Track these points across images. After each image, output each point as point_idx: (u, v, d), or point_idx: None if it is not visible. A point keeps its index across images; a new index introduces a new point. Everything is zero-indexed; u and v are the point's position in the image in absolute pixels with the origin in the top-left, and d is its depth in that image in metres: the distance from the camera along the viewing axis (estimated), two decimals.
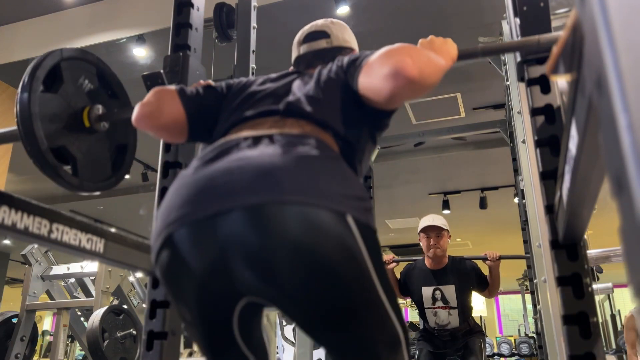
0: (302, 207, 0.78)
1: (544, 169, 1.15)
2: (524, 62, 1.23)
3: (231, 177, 0.81)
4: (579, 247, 1.06)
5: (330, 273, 0.79)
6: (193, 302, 0.86)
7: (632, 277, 0.32)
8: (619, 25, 0.33)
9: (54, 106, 1.29)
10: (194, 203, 0.82)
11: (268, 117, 1.00)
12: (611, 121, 0.33)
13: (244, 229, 0.77)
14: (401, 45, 0.96)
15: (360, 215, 0.84)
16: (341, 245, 0.79)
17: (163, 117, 1.08)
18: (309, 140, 0.90)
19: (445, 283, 2.94)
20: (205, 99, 1.13)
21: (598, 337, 1.00)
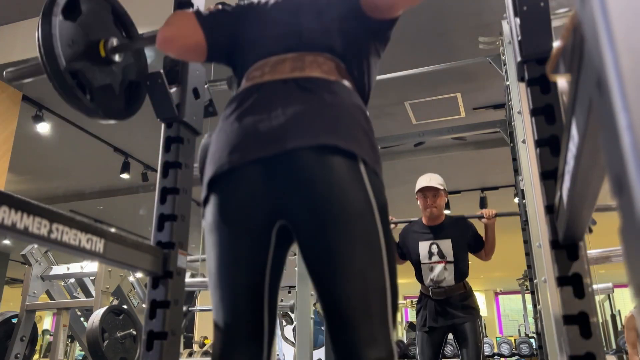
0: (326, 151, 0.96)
1: (544, 169, 1.15)
2: (524, 62, 1.23)
3: (267, 127, 0.99)
4: (579, 247, 1.06)
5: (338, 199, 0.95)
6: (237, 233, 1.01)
7: (632, 277, 0.32)
8: (619, 25, 0.33)
9: (72, 33, 1.35)
10: (243, 149, 1.00)
11: (286, 55, 1.10)
12: (611, 121, 0.33)
13: (282, 168, 0.97)
14: None
15: (371, 162, 1.00)
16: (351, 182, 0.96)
17: (184, 40, 1.19)
18: (330, 85, 1.05)
19: (442, 237, 3.01)
20: (220, 21, 1.21)
21: (598, 337, 1.00)
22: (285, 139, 0.96)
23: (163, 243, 1.39)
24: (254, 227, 1.01)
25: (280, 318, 5.96)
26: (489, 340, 6.88)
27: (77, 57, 1.35)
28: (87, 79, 1.37)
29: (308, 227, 0.97)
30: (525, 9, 1.22)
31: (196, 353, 5.29)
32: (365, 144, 1.00)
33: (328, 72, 1.07)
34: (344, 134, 0.98)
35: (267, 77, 1.08)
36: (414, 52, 4.28)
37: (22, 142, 5.09)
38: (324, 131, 0.97)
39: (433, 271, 2.97)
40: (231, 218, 1.01)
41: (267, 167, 0.98)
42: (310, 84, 1.04)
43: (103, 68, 1.43)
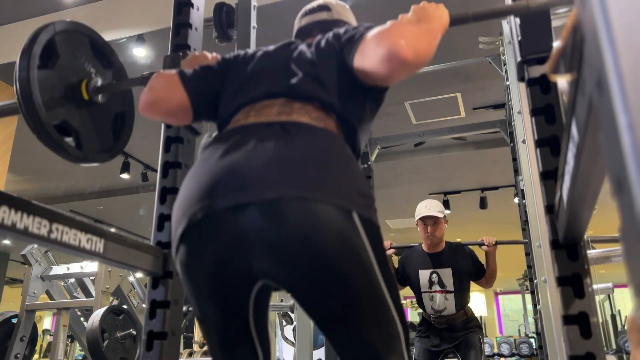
0: (312, 204, 0.84)
1: (544, 169, 1.15)
2: (524, 62, 1.23)
3: (246, 172, 0.87)
4: (579, 247, 1.06)
5: (336, 266, 0.85)
6: (213, 289, 0.92)
7: (632, 277, 0.32)
8: (619, 25, 0.33)
9: (52, 82, 1.30)
10: (214, 196, 0.87)
11: (274, 100, 1.03)
12: (611, 121, 0.33)
13: (260, 221, 0.84)
14: (393, 24, 0.98)
15: (365, 211, 0.89)
16: (346, 240, 0.85)
17: (167, 104, 1.12)
18: (317, 131, 0.96)
19: (442, 266, 2.97)
20: (205, 80, 1.15)
21: (598, 337, 1.00)
22: (267, 186, 0.85)
23: (163, 243, 1.39)
24: (230, 286, 0.91)
25: (280, 318, 5.96)
26: (489, 340, 6.88)
27: (60, 106, 1.30)
28: (72, 126, 1.33)
29: (303, 293, 0.89)
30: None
31: (196, 353, 5.29)
32: (356, 193, 0.90)
33: (316, 119, 0.99)
34: (333, 184, 0.87)
35: (252, 119, 1.00)
36: None
37: (22, 142, 5.09)
38: (312, 181, 0.86)
39: (433, 300, 2.95)
40: (203, 277, 0.92)
41: (244, 217, 0.85)
42: (297, 128, 0.94)
43: (87, 109, 1.39)
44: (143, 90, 1.12)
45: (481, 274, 3.02)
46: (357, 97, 1.06)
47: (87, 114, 1.39)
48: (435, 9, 1.12)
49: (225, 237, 0.87)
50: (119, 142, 1.49)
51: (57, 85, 1.32)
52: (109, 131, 1.47)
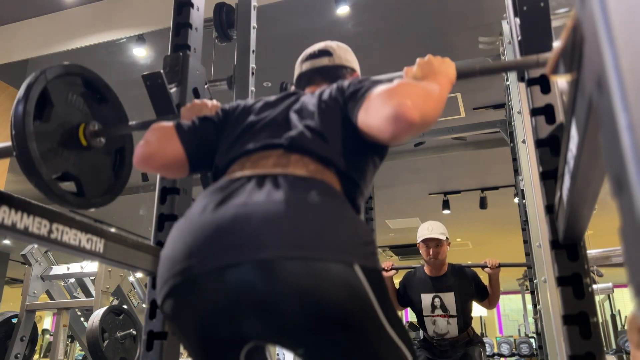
0: (310, 262, 0.79)
1: (544, 169, 1.15)
2: None
3: (238, 228, 0.81)
4: (579, 247, 1.06)
5: (340, 322, 0.80)
6: (200, 346, 0.87)
7: (632, 277, 0.32)
8: (619, 25, 0.33)
9: (49, 134, 1.27)
10: (202, 254, 0.82)
11: (271, 151, 0.99)
12: (611, 121, 0.33)
13: (253, 282, 0.78)
14: (400, 83, 0.94)
15: (367, 261, 0.84)
16: (350, 296, 0.80)
17: (163, 157, 1.08)
18: (313, 184, 0.90)
19: (444, 290, 2.92)
20: (203, 132, 1.12)
21: (598, 337, 1.00)
22: (260, 245, 0.79)
23: (163, 243, 1.38)
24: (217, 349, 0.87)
25: None
26: (489, 340, 6.88)
27: (59, 156, 1.28)
28: (72, 175, 1.32)
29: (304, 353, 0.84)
30: (525, 9, 1.22)
31: None
32: (356, 244, 0.85)
33: (314, 172, 0.94)
34: (332, 239, 0.82)
35: (247, 171, 0.95)
36: (414, 52, 4.28)
37: None
38: (308, 237, 0.80)
39: (436, 324, 2.92)
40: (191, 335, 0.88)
41: (234, 279, 0.79)
42: (292, 181, 0.89)
43: (87, 154, 1.37)
44: (139, 143, 1.09)
45: (484, 296, 2.98)
46: (359, 152, 1.02)
47: (87, 159, 1.37)
48: (441, 63, 1.09)
49: (213, 298, 0.81)
50: (119, 180, 1.47)
51: (55, 136, 1.29)
52: (109, 171, 1.45)
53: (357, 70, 1.28)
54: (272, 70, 4.18)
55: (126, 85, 4.93)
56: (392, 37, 4.12)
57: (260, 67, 2.33)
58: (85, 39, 4.06)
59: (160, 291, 0.88)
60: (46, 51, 4.16)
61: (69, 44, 4.11)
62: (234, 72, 2.28)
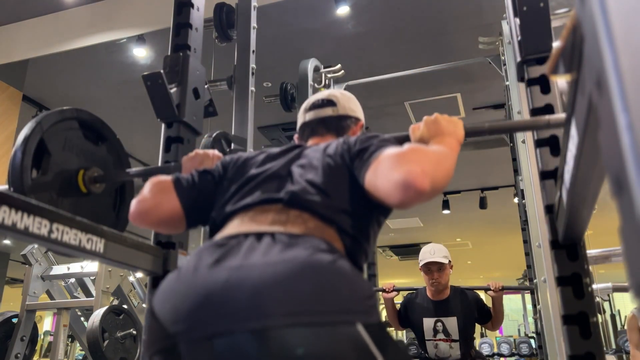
0: (308, 328, 0.73)
1: (544, 169, 1.15)
2: (524, 62, 1.23)
3: (230, 293, 0.76)
4: (579, 247, 1.06)
5: None
6: None
7: (632, 277, 0.32)
8: (619, 25, 0.33)
9: (48, 185, 1.26)
10: (191, 319, 0.77)
11: (270, 206, 0.96)
12: (611, 121, 0.33)
13: (246, 352, 0.72)
14: (411, 149, 0.91)
15: (368, 317, 0.79)
16: (354, 356, 0.74)
17: (160, 213, 1.05)
18: (312, 242, 0.85)
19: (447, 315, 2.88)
20: (202, 188, 1.09)
21: (598, 337, 1.00)
22: (252, 312, 0.73)
23: (163, 243, 1.39)
24: None
25: None
26: (489, 340, 6.87)
27: (58, 204, 1.28)
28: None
29: None
30: (525, 9, 1.22)
31: None
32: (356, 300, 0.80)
33: (313, 230, 0.91)
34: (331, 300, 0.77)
35: (244, 227, 0.92)
36: (414, 52, 4.28)
37: None
38: (305, 302, 0.75)
39: (438, 348, 2.88)
40: None
41: (221, 349, 0.73)
42: (290, 239, 0.85)
43: (87, 200, 1.37)
44: (135, 198, 1.06)
45: (487, 318, 2.95)
46: (363, 211, 0.98)
47: (87, 205, 1.37)
48: (449, 122, 1.06)
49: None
50: (120, 220, 1.46)
51: (53, 186, 1.28)
52: (110, 212, 1.44)
53: (362, 119, 1.25)
54: (272, 70, 4.18)
55: (126, 85, 4.94)
56: (392, 37, 4.12)
57: (260, 67, 2.33)
58: (85, 39, 4.06)
59: (148, 350, 0.84)
60: (46, 51, 4.17)
61: (69, 44, 4.11)
62: (234, 72, 2.28)
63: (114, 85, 4.61)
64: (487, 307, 2.95)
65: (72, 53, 4.11)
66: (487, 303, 3.00)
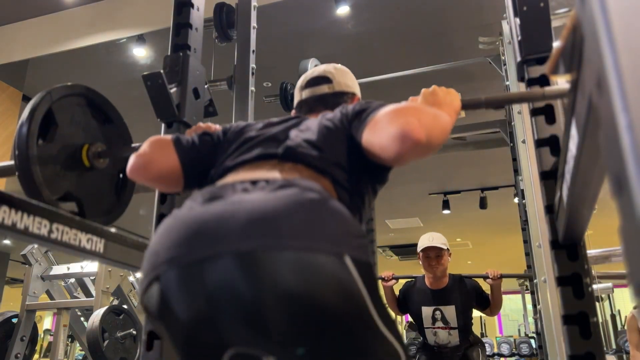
0: (296, 252, 0.74)
1: (544, 169, 1.15)
2: (524, 62, 1.23)
3: (223, 221, 0.77)
4: (579, 247, 1.06)
5: (330, 319, 0.74)
6: (179, 345, 0.83)
7: (632, 277, 0.32)
8: (619, 25, 0.33)
9: (52, 155, 1.27)
10: (183, 246, 0.78)
11: (266, 161, 0.98)
12: (611, 121, 0.33)
13: (234, 276, 0.73)
14: (408, 104, 0.94)
15: (358, 253, 0.80)
16: (340, 289, 0.75)
17: (158, 169, 1.06)
18: (305, 182, 0.87)
19: (445, 303, 2.89)
20: (201, 149, 1.10)
21: (598, 337, 1.00)
22: (242, 236, 0.74)
23: None
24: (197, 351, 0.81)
25: None
26: (489, 340, 6.88)
27: (61, 177, 1.28)
28: (74, 195, 1.31)
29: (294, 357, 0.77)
30: (525, 9, 1.22)
31: None
32: (347, 235, 0.81)
33: (308, 177, 0.92)
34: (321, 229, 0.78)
35: (239, 177, 0.94)
36: (413, 52, 4.28)
37: None
38: (295, 228, 0.76)
39: (437, 335, 2.90)
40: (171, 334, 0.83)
41: (213, 272, 0.74)
42: (284, 182, 0.86)
43: (89, 175, 1.37)
44: (133, 154, 1.07)
45: (486, 305, 2.96)
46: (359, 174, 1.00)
47: (89, 180, 1.37)
48: (447, 94, 1.09)
49: (192, 295, 0.76)
50: (121, 202, 1.47)
51: (58, 157, 1.29)
52: (111, 192, 1.45)
53: (358, 94, 1.27)
54: (272, 70, 4.18)
55: (126, 85, 4.94)
56: (392, 37, 4.12)
57: (260, 67, 2.33)
58: (85, 39, 4.07)
59: (141, 284, 0.85)
60: (46, 51, 4.16)
61: (69, 44, 4.11)
62: (234, 72, 2.28)
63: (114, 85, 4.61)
64: (485, 294, 2.97)
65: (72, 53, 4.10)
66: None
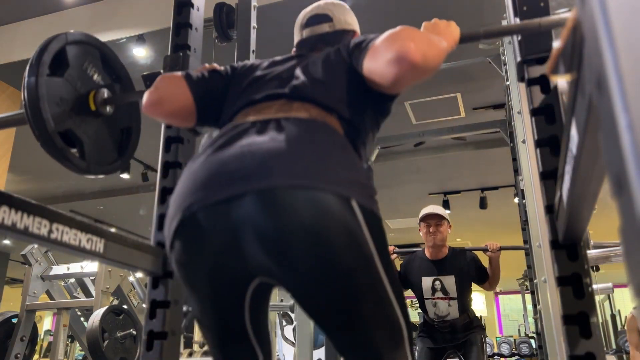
0: (310, 192, 0.82)
1: (544, 169, 1.15)
2: (524, 62, 1.23)
3: (243, 162, 0.85)
4: (579, 247, 1.06)
5: (334, 254, 0.82)
6: (208, 286, 0.90)
7: (632, 277, 0.32)
8: (619, 25, 0.33)
9: (60, 90, 1.31)
10: (208, 188, 0.86)
11: (274, 101, 1.03)
12: (611, 121, 0.33)
13: (256, 212, 0.81)
14: (404, 28, 0.97)
15: (365, 201, 0.87)
16: (345, 229, 0.82)
17: (172, 104, 1.12)
18: (315, 124, 0.94)
19: (445, 273, 2.95)
20: (211, 83, 1.15)
21: (598, 337, 1.00)
22: (262, 176, 0.82)
23: (163, 243, 1.38)
24: (226, 286, 0.89)
25: (280, 318, 5.95)
26: (489, 340, 6.88)
27: (66, 114, 1.30)
28: (77, 136, 1.33)
29: (300, 288, 0.86)
30: (525, 9, 1.22)
31: (196, 353, 5.29)
32: (355, 182, 0.88)
33: (316, 115, 0.98)
34: (332, 173, 0.85)
35: (251, 118, 0.99)
36: None
37: (22, 142, 5.09)
38: (308, 169, 0.84)
39: (437, 307, 2.95)
40: (199, 274, 0.90)
41: (238, 209, 0.82)
42: (295, 122, 0.93)
43: (93, 120, 1.39)
44: (147, 91, 1.12)
45: (484, 278, 3.01)
46: (362, 105, 1.04)
47: (93, 126, 1.39)
48: (447, 26, 1.14)
49: (219, 231, 0.84)
50: (123, 157, 1.49)
51: (65, 94, 1.32)
52: (113, 145, 1.47)
53: (357, 30, 1.30)
54: None
55: None
56: None
57: None
58: None
59: (169, 229, 0.92)
60: None
61: None
62: None
63: None
64: (484, 268, 3.02)
65: None
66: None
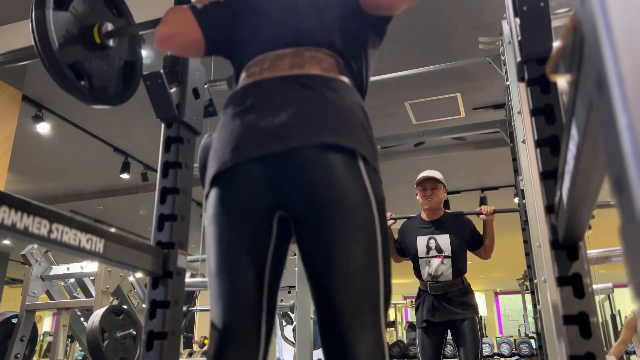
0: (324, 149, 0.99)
1: (544, 169, 1.15)
2: (524, 62, 1.22)
3: (271, 126, 1.01)
4: (579, 247, 1.06)
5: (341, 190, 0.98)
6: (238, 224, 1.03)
7: (632, 277, 0.32)
8: (619, 25, 0.33)
9: (66, 23, 1.37)
10: (244, 147, 1.02)
11: (285, 49, 1.12)
12: (611, 121, 0.33)
13: (283, 165, 1.00)
14: None
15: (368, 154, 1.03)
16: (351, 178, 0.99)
17: (182, 37, 1.20)
18: (330, 83, 1.07)
19: (440, 232, 3.04)
20: (215, 14, 1.22)
21: (598, 337, 1.00)
22: (287, 138, 0.99)
23: (163, 243, 1.38)
24: (255, 217, 1.04)
25: (280, 318, 5.95)
26: (489, 340, 6.88)
27: (73, 47, 1.37)
28: (84, 68, 1.40)
29: (307, 220, 1.00)
30: (525, 9, 1.22)
31: (196, 353, 5.29)
32: (365, 141, 1.03)
33: (327, 69, 1.09)
34: (345, 132, 1.01)
35: (267, 73, 1.10)
36: (414, 52, 4.28)
37: (22, 142, 5.09)
38: (325, 129, 1.00)
39: (430, 265, 2.98)
40: (232, 209, 1.04)
41: (268, 164, 1.01)
42: (310, 81, 1.06)
43: (99, 53, 1.46)
44: (159, 25, 1.19)
45: (479, 243, 3.09)
46: (363, 36, 1.17)
47: (99, 58, 1.46)
48: None
49: (251, 179, 1.02)
50: (128, 89, 1.55)
51: (71, 27, 1.38)
52: (119, 77, 1.53)
53: None
54: None
55: None
56: (392, 37, 4.11)
57: None
58: None
59: (207, 180, 1.08)
60: None
61: None
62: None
63: None
64: (478, 232, 3.11)
65: None
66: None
